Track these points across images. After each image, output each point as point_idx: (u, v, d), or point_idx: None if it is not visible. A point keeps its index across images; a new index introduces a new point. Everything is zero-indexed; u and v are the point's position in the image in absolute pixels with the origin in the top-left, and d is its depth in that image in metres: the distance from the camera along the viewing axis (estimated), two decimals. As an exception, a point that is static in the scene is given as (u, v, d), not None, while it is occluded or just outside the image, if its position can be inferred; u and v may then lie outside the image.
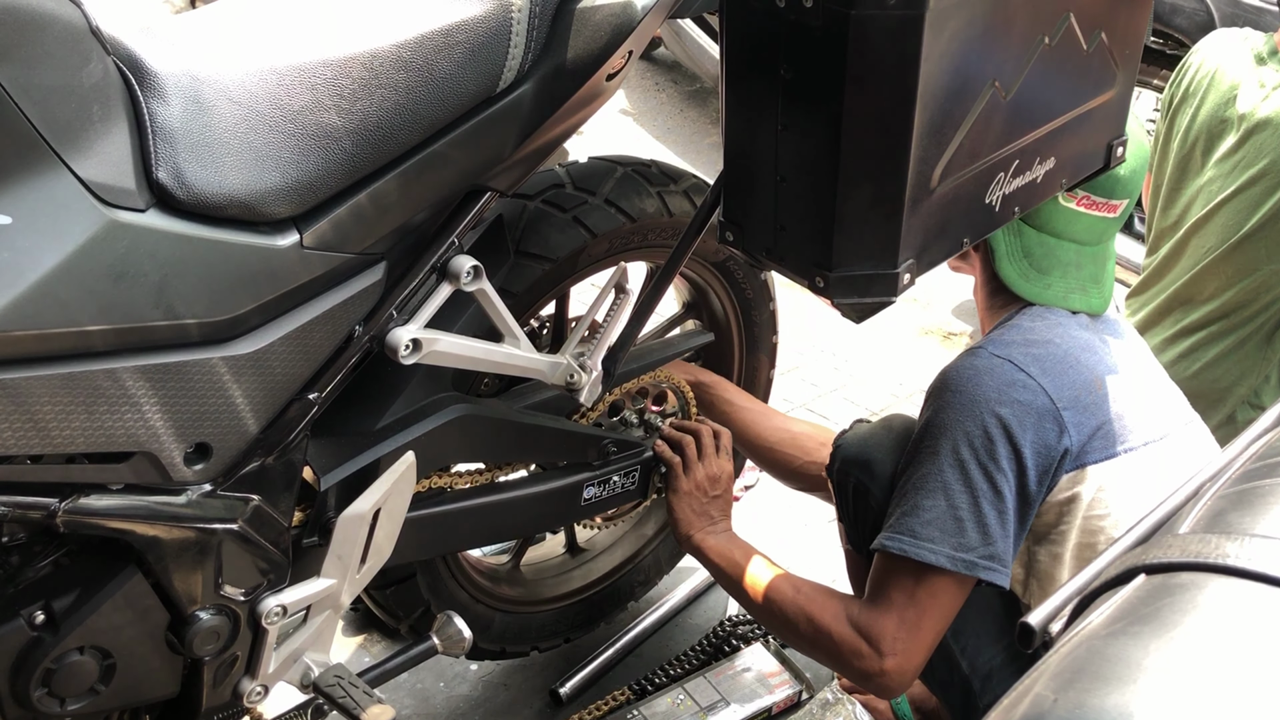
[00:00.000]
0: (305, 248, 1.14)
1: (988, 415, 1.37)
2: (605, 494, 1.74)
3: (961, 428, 1.38)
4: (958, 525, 1.38)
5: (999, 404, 1.37)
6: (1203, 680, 0.58)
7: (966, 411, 1.38)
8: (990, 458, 1.37)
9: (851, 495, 1.60)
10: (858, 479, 1.58)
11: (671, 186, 1.70)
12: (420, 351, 1.31)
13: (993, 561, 1.38)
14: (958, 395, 1.40)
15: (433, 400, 1.46)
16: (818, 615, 1.47)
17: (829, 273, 1.20)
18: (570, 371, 1.53)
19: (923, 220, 1.20)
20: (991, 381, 1.39)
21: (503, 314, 1.41)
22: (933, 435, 1.41)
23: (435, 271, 1.32)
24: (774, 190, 1.21)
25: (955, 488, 1.38)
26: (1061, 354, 1.43)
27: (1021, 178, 1.31)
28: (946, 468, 1.39)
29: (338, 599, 1.38)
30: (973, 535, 1.38)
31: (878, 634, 1.41)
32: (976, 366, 1.41)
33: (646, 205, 1.65)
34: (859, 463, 1.58)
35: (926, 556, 1.38)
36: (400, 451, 1.38)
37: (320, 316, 1.19)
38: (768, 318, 1.96)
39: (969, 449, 1.38)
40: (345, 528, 1.34)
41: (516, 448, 1.61)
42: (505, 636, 1.88)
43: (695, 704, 1.89)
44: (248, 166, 1.08)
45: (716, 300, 1.91)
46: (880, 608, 1.42)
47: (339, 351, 1.24)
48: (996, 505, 1.38)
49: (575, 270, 1.62)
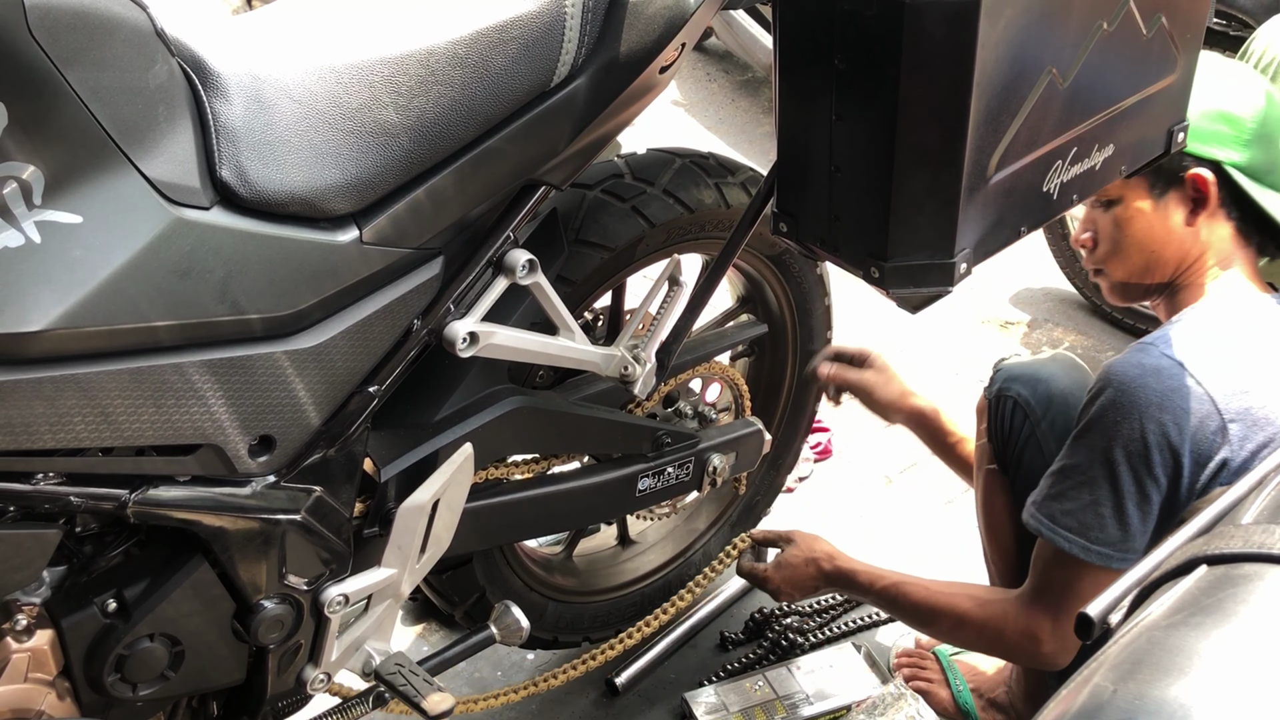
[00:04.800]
0: (365, 243, 1.16)
1: (1148, 421, 1.34)
2: (660, 485, 1.74)
3: (1119, 430, 1.35)
4: (1098, 519, 1.38)
5: (1161, 410, 1.33)
6: (1265, 672, 0.58)
7: (1125, 414, 1.35)
8: (1144, 463, 1.35)
9: (1010, 413, 1.59)
10: (1019, 394, 1.57)
11: (729, 178, 1.70)
12: (477, 344, 1.32)
13: (1130, 554, 1.38)
14: (1119, 394, 1.36)
15: (489, 393, 1.47)
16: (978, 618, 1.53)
17: (884, 263, 1.19)
18: (624, 364, 1.53)
19: (979, 209, 1.19)
20: (1156, 384, 1.34)
21: (558, 307, 1.42)
22: (1090, 430, 1.39)
23: (491, 265, 1.33)
24: (828, 181, 1.21)
25: (1103, 486, 1.38)
26: (1240, 358, 1.36)
27: (1080, 165, 1.29)
28: (1098, 464, 1.37)
29: (398, 588, 1.39)
30: (1113, 530, 1.38)
31: (1036, 626, 1.47)
32: (1143, 366, 1.36)
33: (704, 196, 1.65)
34: (1023, 378, 1.58)
35: (1061, 544, 1.40)
36: (458, 443, 1.40)
37: (380, 311, 1.21)
38: (823, 312, 1.96)
39: (1123, 452, 1.36)
40: (405, 518, 1.35)
41: (571, 439, 1.61)
42: (559, 625, 1.89)
43: (773, 691, 1.91)
44: (308, 164, 1.10)
45: (771, 294, 1.91)
46: (1036, 599, 1.48)
47: (398, 345, 1.26)
48: (1142, 507, 1.37)
49: (632, 260, 1.63)
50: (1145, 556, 1.33)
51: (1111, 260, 1.53)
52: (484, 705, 1.70)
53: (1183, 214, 1.47)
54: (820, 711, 1.88)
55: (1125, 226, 1.49)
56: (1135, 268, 1.51)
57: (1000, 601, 1.53)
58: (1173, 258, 1.49)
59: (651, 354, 1.56)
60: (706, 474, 1.79)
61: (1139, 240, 1.49)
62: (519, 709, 1.95)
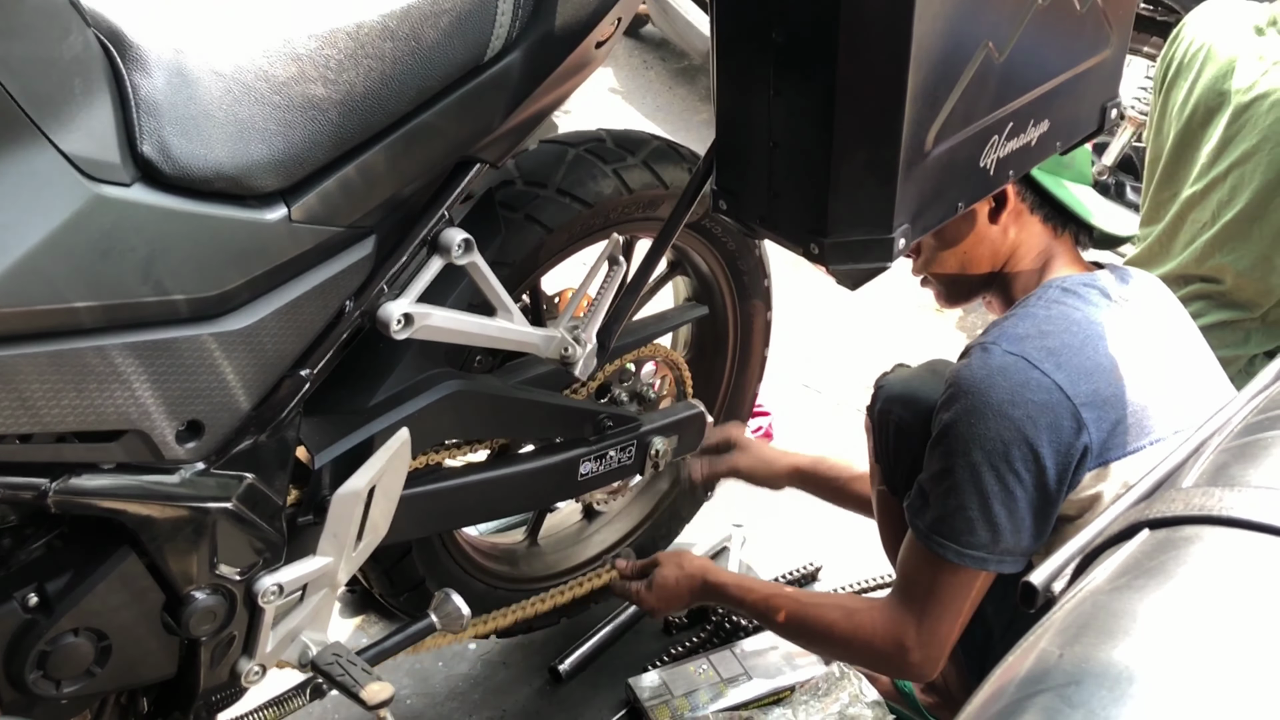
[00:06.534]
0: (293, 221, 1.14)
1: (1001, 420, 1.36)
2: (602, 469, 1.74)
3: (974, 432, 1.37)
4: (967, 524, 1.40)
5: (1013, 405, 1.36)
6: (1207, 631, 0.58)
7: (978, 416, 1.37)
8: (1004, 460, 1.37)
9: (892, 433, 1.59)
10: (899, 416, 1.57)
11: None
12: (412, 326, 1.31)
13: (1004, 555, 1.40)
14: (971, 398, 1.38)
15: (426, 376, 1.45)
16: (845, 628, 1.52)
17: (824, 239, 1.19)
18: (564, 345, 1.52)
19: (917, 184, 1.19)
20: (1004, 382, 1.37)
21: (495, 287, 1.41)
22: (948, 437, 1.40)
23: (426, 245, 1.31)
24: (767, 157, 1.20)
25: (966, 490, 1.39)
26: (1079, 344, 1.40)
27: (1016, 140, 1.29)
28: (959, 469, 1.39)
29: (334, 577, 1.37)
30: (982, 533, 1.39)
31: (902, 633, 1.46)
32: (989, 366, 1.38)
33: (647, 177, 1.64)
34: (902, 399, 1.58)
35: (936, 549, 1.41)
36: (394, 428, 1.38)
37: (310, 291, 1.19)
38: (762, 292, 1.96)
39: (981, 453, 1.37)
40: (340, 505, 1.33)
41: (511, 423, 1.60)
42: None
43: (717, 674, 1.91)
44: (233, 139, 1.07)
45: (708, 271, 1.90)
46: (903, 605, 1.47)
47: (330, 327, 1.24)
48: (1008, 504, 1.38)
49: (570, 242, 1.61)
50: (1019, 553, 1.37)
51: (931, 266, 1.59)
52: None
53: (984, 215, 1.52)
54: (764, 692, 1.89)
55: (938, 234, 1.54)
56: (953, 271, 1.58)
57: (868, 610, 1.53)
58: (985, 256, 1.55)
59: (592, 335, 1.55)
60: (649, 457, 1.80)
61: (950, 245, 1.55)
62: (462, 698, 1.94)
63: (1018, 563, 1.42)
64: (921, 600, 1.46)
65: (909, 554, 1.49)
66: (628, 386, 1.83)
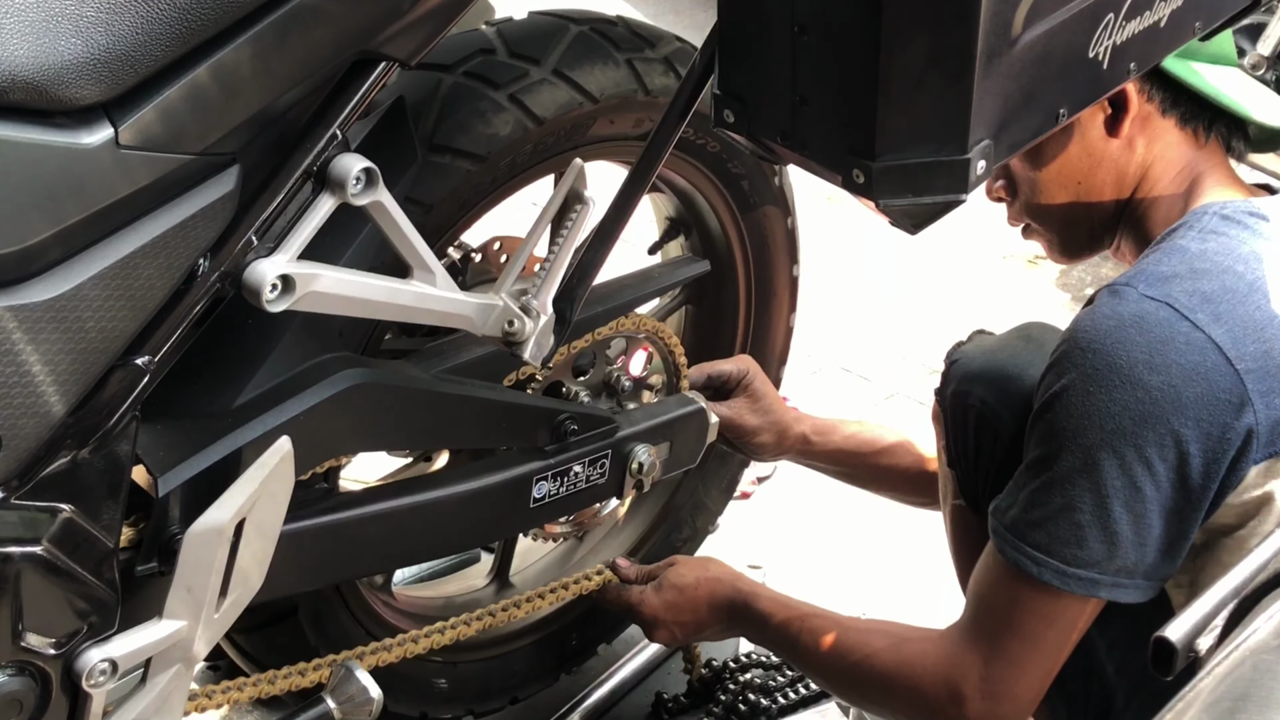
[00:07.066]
0: (122, 147, 1.13)
1: (1132, 388, 1.37)
2: (565, 490, 1.74)
3: (1092, 404, 1.38)
4: (1075, 531, 1.40)
5: (1149, 369, 1.36)
6: None
7: (1101, 382, 1.37)
8: (1131, 444, 1.37)
9: (973, 426, 1.61)
10: (982, 401, 1.59)
11: (646, 52, 1.69)
12: (293, 293, 1.30)
13: (1121, 577, 1.41)
14: (1091, 357, 1.38)
15: (314, 364, 1.46)
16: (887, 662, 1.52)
17: (871, 162, 1.19)
18: (509, 317, 1.50)
19: (1002, 83, 1.19)
20: (1140, 337, 1.37)
21: (409, 238, 1.39)
22: (1055, 411, 1.41)
23: (311, 178, 1.30)
24: (790, 47, 1.19)
25: (1078, 483, 1.39)
26: (1245, 289, 1.40)
27: (1138, 21, 1.29)
28: (1067, 454, 1.40)
29: (189, 648, 1.36)
30: (1095, 546, 1.40)
31: (960, 675, 1.46)
32: (1120, 315, 1.39)
33: (610, 78, 1.65)
34: (986, 377, 1.59)
35: (1028, 567, 1.41)
36: (270, 437, 1.38)
37: (148, 246, 1.18)
38: (784, 238, 1.95)
39: (1100, 433, 1.38)
40: (195, 547, 1.32)
41: (435, 428, 1.61)
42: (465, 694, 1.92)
43: None
44: (33, 31, 1.06)
45: (711, 213, 1.89)
46: (969, 639, 1.46)
47: (177, 296, 1.23)
48: (1132, 507, 1.39)
49: (513, 174, 1.61)
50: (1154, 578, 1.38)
51: (1036, 210, 1.62)
52: None
53: (1098, 127, 1.55)
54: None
55: (1038, 161, 1.56)
56: (1065, 209, 1.60)
57: (922, 640, 1.54)
58: (1108, 183, 1.57)
59: (547, 303, 1.53)
60: (629, 473, 1.79)
61: (1059, 173, 1.57)
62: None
63: (1141, 589, 1.42)
64: (995, 634, 1.46)
65: (986, 569, 1.49)
66: (598, 375, 1.82)
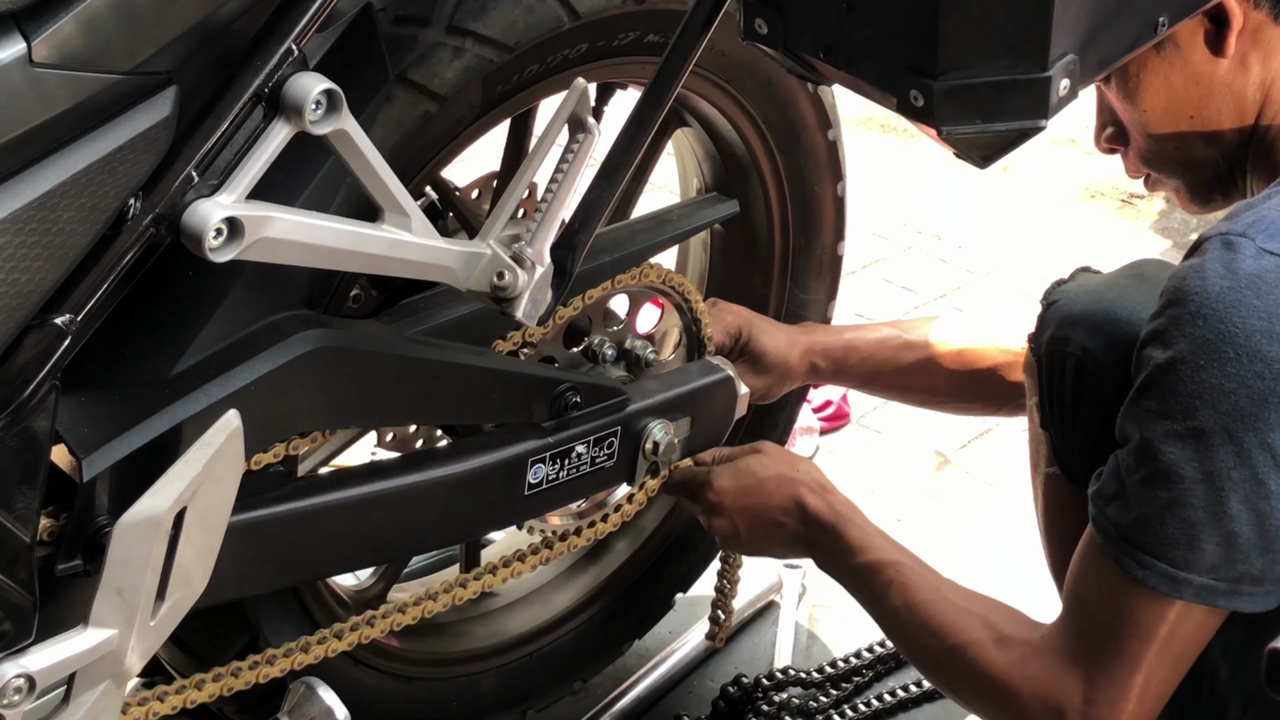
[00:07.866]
0: (36, 64, 1.11)
1: (1251, 361, 1.34)
2: (565, 475, 1.73)
3: (1203, 380, 1.35)
4: (1186, 531, 1.38)
5: (1270, 338, 1.33)
6: None
7: (1213, 353, 1.34)
8: (1251, 428, 1.34)
9: (1070, 379, 1.61)
10: (1084, 350, 1.58)
11: None
12: (241, 240, 1.26)
13: (1244, 584, 1.39)
14: (1200, 325, 1.35)
15: (267, 324, 1.45)
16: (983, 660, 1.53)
17: (933, 82, 1.20)
18: (498, 268, 1.47)
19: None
20: (1259, 301, 1.34)
21: (379, 173, 1.35)
22: (1160, 388, 1.39)
23: (261, 101, 1.27)
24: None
25: (1188, 474, 1.37)
26: None
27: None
28: (1175, 443, 1.37)
29: (120, 661, 1.34)
30: (1210, 548, 1.38)
31: (1060, 692, 1.47)
32: (1235, 273, 1.35)
33: None
34: (1089, 321, 1.59)
35: (1132, 569, 1.41)
36: (215, 411, 1.35)
37: (68, 184, 1.17)
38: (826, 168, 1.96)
39: (1214, 414, 1.35)
40: (127, 542, 1.29)
41: (410, 399, 1.60)
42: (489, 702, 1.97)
43: None
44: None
45: (739, 142, 1.91)
46: (1070, 650, 1.48)
47: (103, 243, 1.22)
48: (1252, 500, 1.36)
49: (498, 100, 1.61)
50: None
51: (1152, 156, 1.61)
52: None
53: (1200, 48, 1.52)
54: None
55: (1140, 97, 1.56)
56: (1183, 149, 1.58)
57: (1024, 644, 1.54)
58: (1225, 112, 1.55)
59: (544, 252, 1.49)
60: (643, 453, 1.79)
61: (1167, 108, 1.56)
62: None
63: (1270, 596, 1.40)
64: (1098, 647, 1.46)
65: (1086, 569, 1.49)
66: (605, 338, 1.81)
